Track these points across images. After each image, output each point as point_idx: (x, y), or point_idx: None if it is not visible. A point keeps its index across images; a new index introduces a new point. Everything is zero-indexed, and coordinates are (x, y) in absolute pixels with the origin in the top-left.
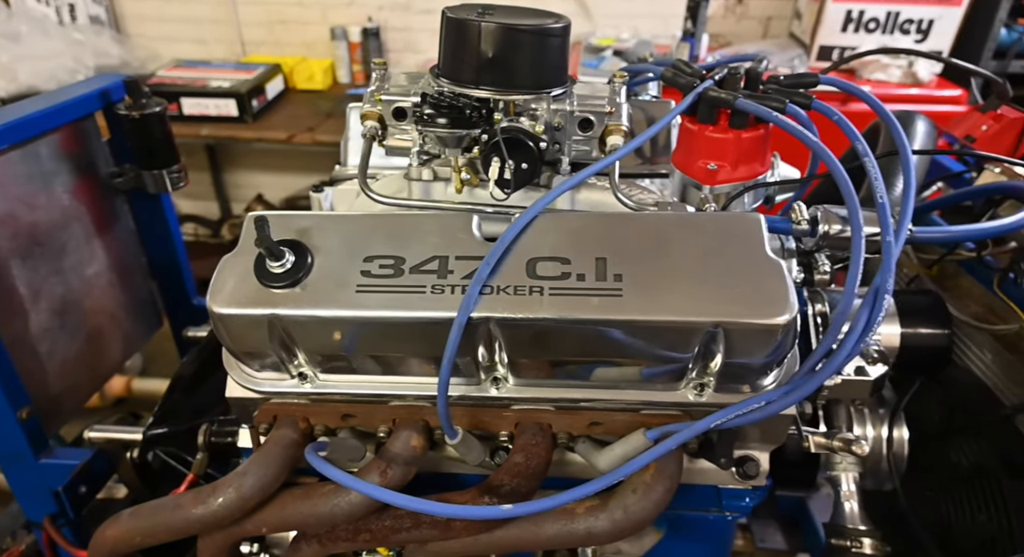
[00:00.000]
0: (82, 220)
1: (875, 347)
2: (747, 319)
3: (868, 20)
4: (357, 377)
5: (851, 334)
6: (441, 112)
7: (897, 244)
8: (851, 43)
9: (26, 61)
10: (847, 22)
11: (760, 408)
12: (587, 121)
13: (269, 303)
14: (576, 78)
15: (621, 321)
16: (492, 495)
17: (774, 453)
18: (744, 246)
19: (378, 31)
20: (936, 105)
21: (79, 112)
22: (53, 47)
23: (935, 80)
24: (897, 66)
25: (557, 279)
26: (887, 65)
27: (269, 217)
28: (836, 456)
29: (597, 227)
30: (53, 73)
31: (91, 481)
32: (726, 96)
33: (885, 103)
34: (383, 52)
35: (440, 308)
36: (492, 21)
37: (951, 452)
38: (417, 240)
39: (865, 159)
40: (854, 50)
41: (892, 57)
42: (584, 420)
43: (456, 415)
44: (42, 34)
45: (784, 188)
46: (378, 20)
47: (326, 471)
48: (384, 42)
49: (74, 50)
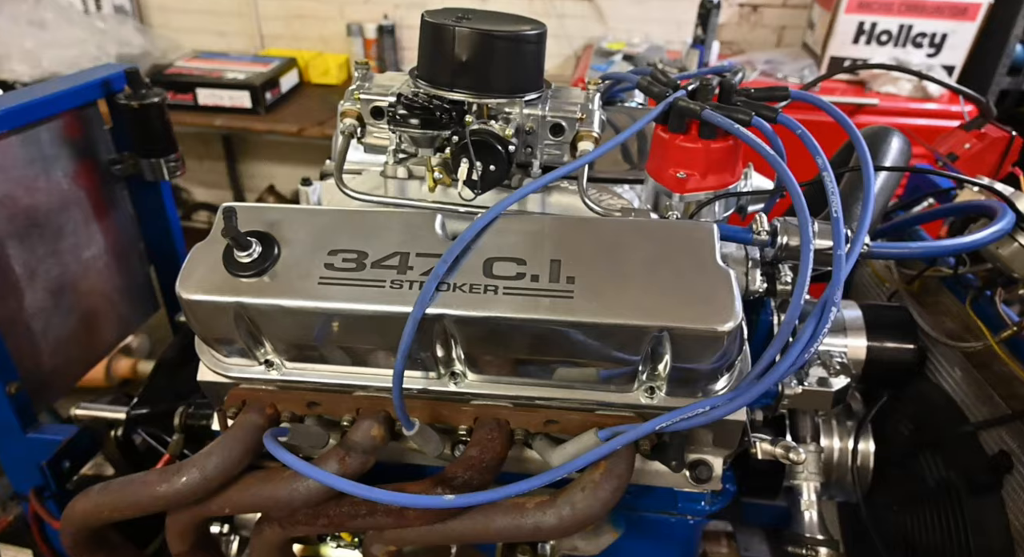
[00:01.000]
0: (81, 204)
1: (839, 359)
2: (692, 325)
3: (880, 33)
4: (323, 366)
5: (795, 344)
6: (414, 113)
7: (849, 258)
8: (863, 55)
9: (50, 48)
10: (859, 34)
11: (704, 413)
12: (558, 126)
13: (235, 291)
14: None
15: (570, 322)
16: (445, 486)
17: (741, 461)
18: (695, 254)
19: (393, 28)
20: (946, 120)
21: (80, 100)
22: (77, 35)
23: (947, 94)
24: (908, 80)
25: (512, 279)
26: (897, 78)
27: (240, 209)
28: (798, 465)
29: (555, 230)
30: (75, 61)
31: (75, 457)
32: (694, 107)
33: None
34: (398, 49)
35: (397, 302)
36: (467, 26)
37: (917, 467)
38: (381, 236)
39: (824, 174)
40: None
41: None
42: (540, 418)
43: (416, 408)
44: (67, 22)
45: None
46: (394, 17)
47: (280, 456)
48: (399, 39)
49: (97, 39)
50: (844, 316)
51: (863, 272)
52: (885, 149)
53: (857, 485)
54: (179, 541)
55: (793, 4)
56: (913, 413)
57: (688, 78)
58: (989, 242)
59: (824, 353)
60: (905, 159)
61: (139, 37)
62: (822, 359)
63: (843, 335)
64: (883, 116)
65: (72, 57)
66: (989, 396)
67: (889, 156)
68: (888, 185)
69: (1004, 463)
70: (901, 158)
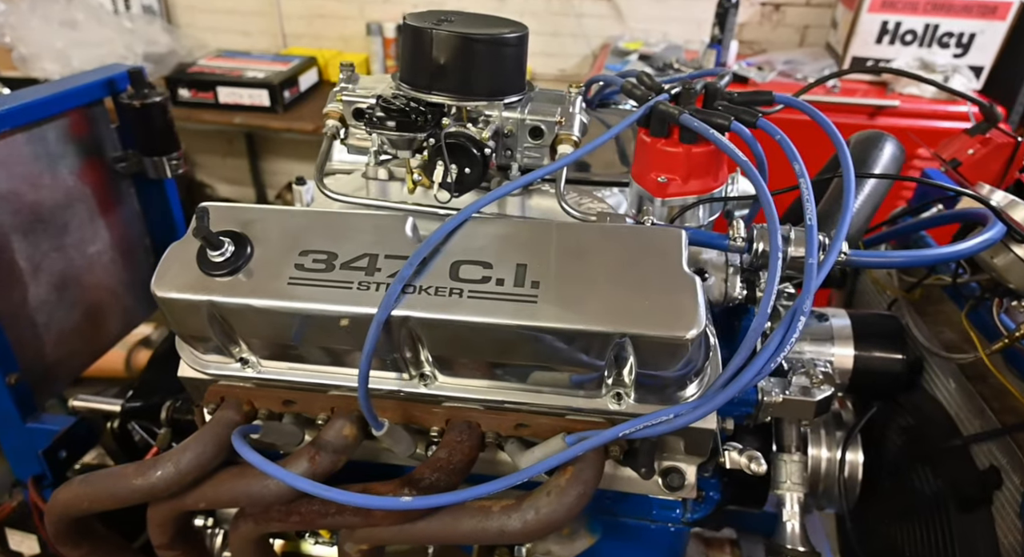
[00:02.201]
0: (86, 201)
1: (822, 368)
2: (654, 332)
3: (904, 32)
4: (298, 365)
5: (761, 353)
6: (390, 115)
7: (823, 267)
8: (886, 55)
9: (79, 47)
10: (882, 34)
11: (668, 420)
12: (537, 129)
13: (207, 290)
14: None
15: (533, 327)
16: (412, 487)
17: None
18: (662, 260)
19: None
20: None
21: (84, 100)
22: (105, 35)
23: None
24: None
25: (477, 282)
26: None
27: (215, 209)
28: (782, 475)
29: (523, 234)
30: (103, 59)
31: (72, 447)
32: (673, 111)
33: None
34: None
35: (363, 304)
36: (445, 29)
37: (907, 480)
38: (351, 237)
39: (800, 180)
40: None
41: (927, 72)
42: (511, 421)
43: (387, 408)
44: (96, 22)
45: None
46: None
47: (245, 454)
48: None
49: (125, 38)
50: (832, 324)
51: (865, 279)
52: (876, 155)
53: (843, 496)
54: (160, 533)
55: (817, 3)
56: (906, 424)
57: (673, 82)
58: (975, 252)
59: (808, 362)
60: (898, 165)
61: (166, 36)
62: (806, 368)
63: (830, 344)
64: (904, 118)
65: (101, 56)
66: (981, 409)
67: (880, 162)
68: (876, 192)
69: (994, 479)
70: (893, 164)
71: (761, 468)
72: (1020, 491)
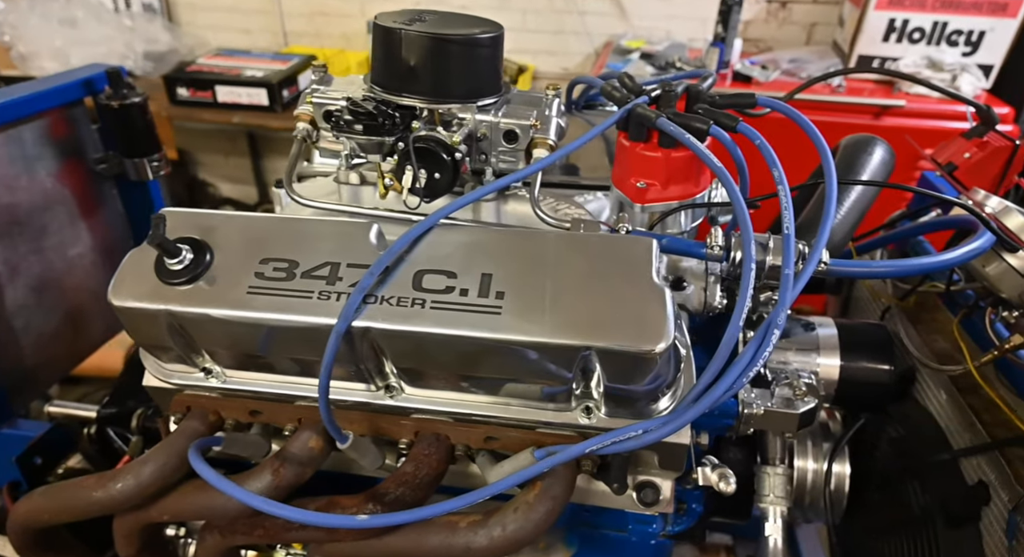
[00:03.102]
0: (66, 203)
1: (806, 379)
2: (619, 345)
3: (912, 30)
4: (263, 375)
5: (732, 368)
6: (358, 118)
7: (801, 277)
8: (893, 54)
9: (79, 46)
10: (889, 31)
11: (637, 436)
12: (512, 133)
13: (164, 299)
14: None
15: (495, 340)
16: (377, 502)
17: None
18: (630, 270)
19: None
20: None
21: (60, 100)
22: (105, 33)
23: (983, 96)
24: (939, 80)
25: (441, 293)
26: (928, 78)
27: (175, 214)
28: (765, 488)
29: (490, 242)
30: (103, 58)
31: (48, 453)
32: (650, 114)
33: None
34: None
35: (323, 314)
36: (415, 30)
37: (895, 493)
38: (314, 245)
39: (779, 187)
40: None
41: (935, 70)
42: (480, 434)
43: (354, 420)
44: (96, 20)
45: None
46: None
47: (199, 469)
48: None
49: (125, 36)
50: (819, 334)
51: (861, 286)
52: (865, 160)
53: (828, 509)
54: (126, 544)
55: (824, 0)
56: (896, 436)
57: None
58: (962, 261)
59: (793, 373)
60: (887, 170)
61: (166, 34)
62: (790, 379)
63: (816, 354)
64: (910, 118)
65: (100, 54)
66: (971, 422)
67: (869, 168)
68: (862, 199)
69: (982, 495)
70: (882, 169)
71: (729, 488)
72: (1008, 508)
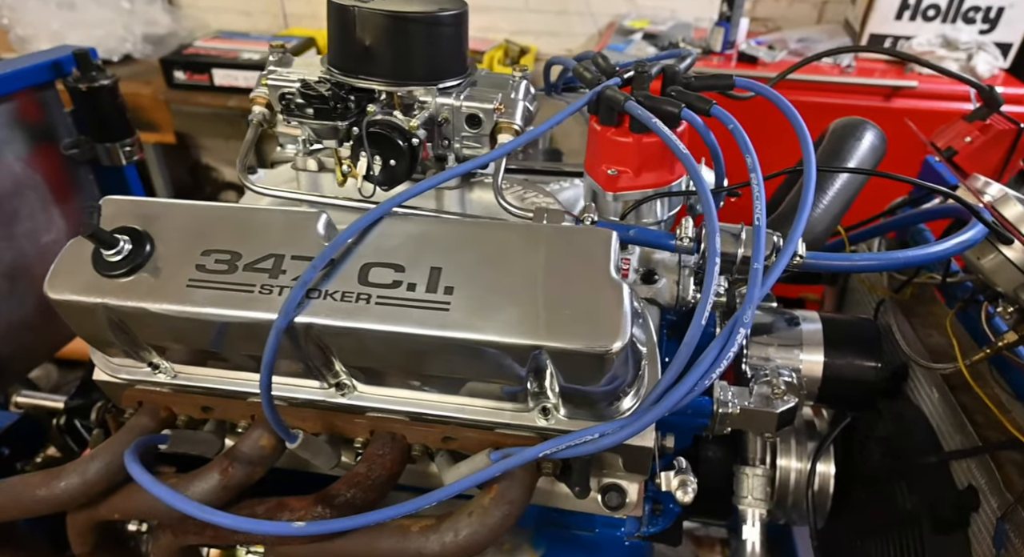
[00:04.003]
0: (38, 189)
1: (786, 377)
2: (571, 344)
3: (927, 7)
4: (214, 371)
5: (694, 370)
6: (310, 102)
7: (771, 272)
8: (905, 32)
9: (76, 29)
10: (902, 9)
11: (593, 440)
12: (475, 117)
13: (100, 292)
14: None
15: (441, 338)
16: (326, 505)
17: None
18: (587, 265)
19: None
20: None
21: (26, 82)
22: (103, 16)
23: (1000, 75)
24: (954, 59)
25: (387, 287)
26: (943, 58)
27: (119, 202)
28: (744, 490)
29: (441, 234)
30: (101, 41)
31: (15, 444)
32: (619, 96)
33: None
34: None
35: (263, 309)
36: (369, 8)
37: (883, 495)
38: (258, 236)
39: (752, 175)
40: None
41: (949, 50)
42: (438, 434)
43: (308, 418)
44: (95, 2)
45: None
46: None
47: (132, 470)
48: None
49: (124, 19)
50: (802, 329)
51: (855, 277)
52: (853, 146)
53: (812, 511)
54: (80, 542)
55: None
56: (886, 435)
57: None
58: (951, 254)
59: (773, 370)
60: (877, 157)
61: (166, 17)
62: (769, 377)
63: (799, 350)
64: (922, 99)
65: (98, 37)
66: (962, 424)
67: (857, 153)
68: (849, 187)
69: (971, 501)
70: (871, 156)
71: (687, 497)
72: (997, 515)
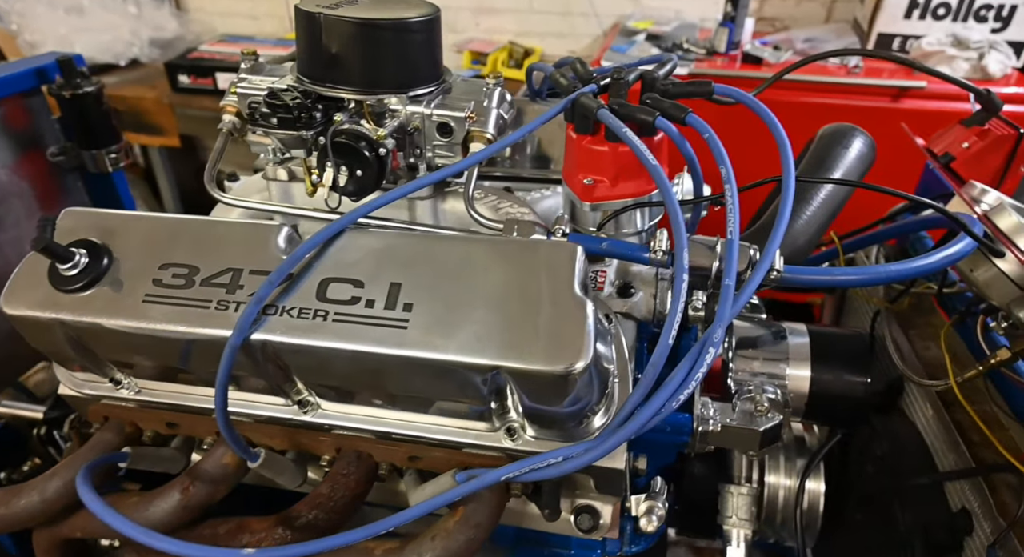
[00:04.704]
0: (23, 195)
1: (770, 394)
2: (529, 365)
3: (937, 6)
4: (177, 386)
5: (661, 391)
6: (275, 111)
7: (745, 288)
8: (915, 31)
9: (83, 34)
10: (911, 7)
11: (557, 463)
12: (445, 126)
13: (55, 307)
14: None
15: (398, 357)
16: (287, 527)
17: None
18: (551, 281)
19: None
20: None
21: (11, 89)
22: (111, 20)
23: (1014, 75)
24: (965, 59)
25: (345, 304)
26: (953, 57)
27: (78, 214)
28: (728, 509)
29: (402, 248)
30: (108, 46)
31: None
32: (591, 104)
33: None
34: None
35: (218, 326)
36: (336, 14)
37: (877, 515)
38: (216, 250)
39: (726, 186)
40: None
41: (960, 49)
42: (404, 453)
43: (273, 435)
44: (101, 7)
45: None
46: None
47: (81, 492)
48: None
49: (131, 23)
50: (789, 343)
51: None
52: (839, 154)
53: (800, 529)
54: None
55: None
56: (881, 452)
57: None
58: (937, 268)
59: (758, 385)
60: (865, 165)
61: (173, 22)
62: (753, 393)
63: (785, 364)
64: (932, 100)
65: (105, 42)
66: (956, 443)
67: (844, 162)
68: (835, 197)
69: (964, 524)
70: (859, 164)
71: (651, 526)
72: (989, 540)
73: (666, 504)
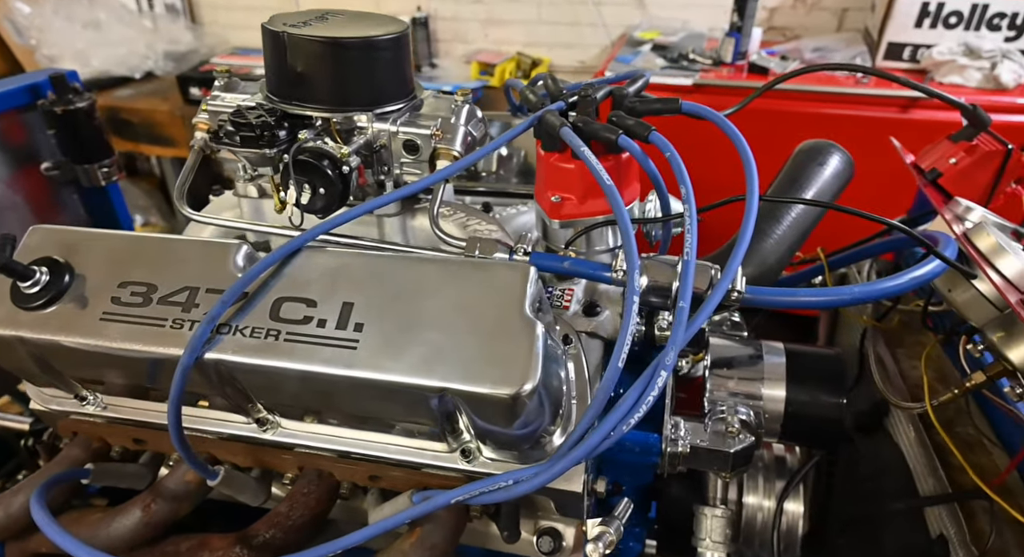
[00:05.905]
0: (18, 209)
1: (741, 415)
2: (475, 388)
3: (948, 14)
4: (142, 402)
5: (612, 414)
6: (239, 129)
7: (701, 311)
8: (926, 40)
9: (100, 47)
10: (922, 16)
11: (507, 487)
12: (412, 143)
13: (15, 324)
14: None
15: (347, 377)
16: (244, 546)
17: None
18: (501, 302)
19: (427, 20)
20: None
21: (5, 105)
22: (126, 34)
23: None
24: (977, 68)
25: (298, 323)
26: (964, 67)
27: (43, 231)
28: (702, 532)
29: (357, 268)
30: (124, 59)
31: None
32: (555, 122)
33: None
34: (431, 42)
35: (172, 345)
36: (300, 34)
37: (856, 538)
38: (176, 267)
39: (686, 206)
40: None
41: (972, 58)
42: (364, 472)
43: (237, 452)
44: (118, 21)
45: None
46: (427, 9)
47: (34, 512)
48: (433, 31)
49: (147, 37)
50: (765, 362)
51: None
52: (814, 172)
53: (777, 552)
54: None
55: None
56: (864, 475)
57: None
58: (905, 290)
59: (731, 406)
60: (840, 183)
61: (188, 35)
62: (726, 414)
63: (761, 384)
64: (941, 111)
65: (121, 56)
66: (935, 467)
67: (818, 180)
68: (807, 216)
69: (941, 552)
70: (834, 182)
71: (596, 553)
72: None
73: (621, 529)
